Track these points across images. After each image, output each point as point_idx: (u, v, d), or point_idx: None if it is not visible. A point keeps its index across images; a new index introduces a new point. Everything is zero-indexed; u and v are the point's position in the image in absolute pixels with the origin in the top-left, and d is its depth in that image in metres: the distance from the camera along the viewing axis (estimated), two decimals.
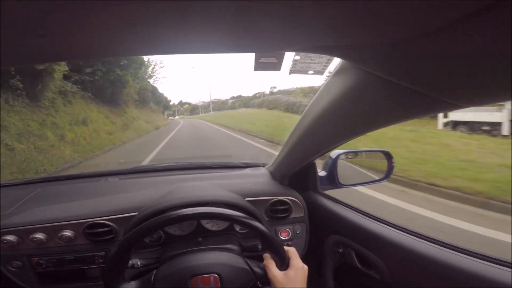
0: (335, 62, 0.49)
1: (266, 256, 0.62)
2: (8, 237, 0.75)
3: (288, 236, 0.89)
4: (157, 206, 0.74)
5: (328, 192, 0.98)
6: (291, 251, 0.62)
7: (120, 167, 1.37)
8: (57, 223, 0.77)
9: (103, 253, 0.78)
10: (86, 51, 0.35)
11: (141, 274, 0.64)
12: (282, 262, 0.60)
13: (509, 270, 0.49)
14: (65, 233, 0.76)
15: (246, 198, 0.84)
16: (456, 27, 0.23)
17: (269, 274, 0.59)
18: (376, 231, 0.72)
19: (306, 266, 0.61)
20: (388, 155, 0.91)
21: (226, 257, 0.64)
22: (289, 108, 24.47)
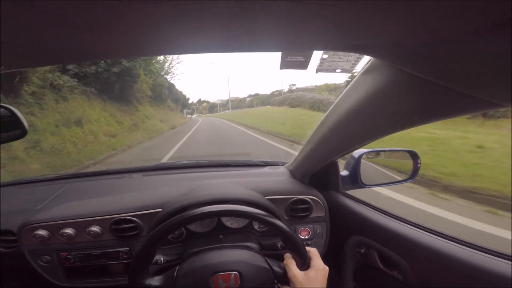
0: (364, 60, 0.48)
1: (287, 255, 0.63)
2: (40, 231, 0.77)
3: (308, 235, 0.89)
4: (181, 203, 0.75)
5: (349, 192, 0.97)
6: (313, 252, 0.63)
7: (143, 164, 1.35)
8: (85, 219, 0.79)
9: (127, 248, 0.80)
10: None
11: (163, 270, 0.64)
12: (303, 262, 0.60)
13: None
14: (93, 228, 0.78)
15: (266, 197, 0.85)
16: (503, 26, 0.23)
17: (289, 273, 0.59)
18: (399, 231, 0.71)
19: (327, 267, 0.61)
20: (413, 155, 0.89)
21: (246, 255, 0.64)
22: (314, 106, 22.79)
